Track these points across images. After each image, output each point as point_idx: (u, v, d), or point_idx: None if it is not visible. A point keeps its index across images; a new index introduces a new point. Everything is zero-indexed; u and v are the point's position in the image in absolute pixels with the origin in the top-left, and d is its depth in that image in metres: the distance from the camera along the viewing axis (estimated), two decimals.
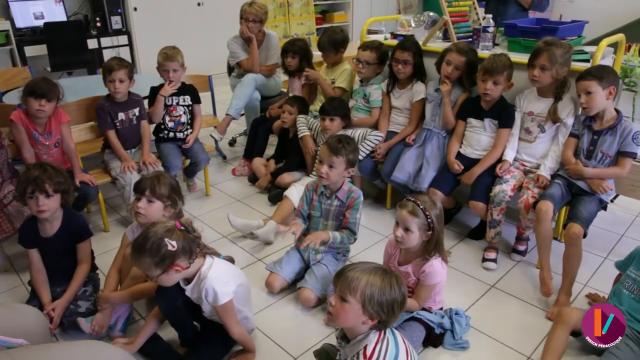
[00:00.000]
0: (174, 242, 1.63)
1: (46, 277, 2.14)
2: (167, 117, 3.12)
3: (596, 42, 2.56)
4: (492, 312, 2.22)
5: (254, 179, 3.52)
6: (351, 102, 3.27)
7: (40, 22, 5.06)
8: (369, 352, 1.41)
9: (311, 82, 3.52)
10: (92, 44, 5.32)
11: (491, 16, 2.86)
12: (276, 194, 3.21)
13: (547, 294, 2.26)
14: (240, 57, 3.83)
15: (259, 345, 2.01)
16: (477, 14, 3.07)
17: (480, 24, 2.93)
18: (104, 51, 5.50)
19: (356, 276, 1.40)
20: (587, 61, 2.50)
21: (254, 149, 3.64)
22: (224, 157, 4.03)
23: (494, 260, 2.55)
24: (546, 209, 2.24)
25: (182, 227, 1.70)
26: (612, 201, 3.08)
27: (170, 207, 2.04)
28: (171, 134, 3.15)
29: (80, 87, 3.61)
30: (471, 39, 3.00)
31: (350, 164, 2.29)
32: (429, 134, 2.89)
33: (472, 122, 2.72)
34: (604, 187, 2.27)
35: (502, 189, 2.45)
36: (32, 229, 2.11)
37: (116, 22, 5.54)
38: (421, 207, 1.85)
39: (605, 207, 2.39)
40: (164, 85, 3.05)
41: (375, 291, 1.38)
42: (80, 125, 3.07)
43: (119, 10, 5.52)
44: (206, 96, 3.71)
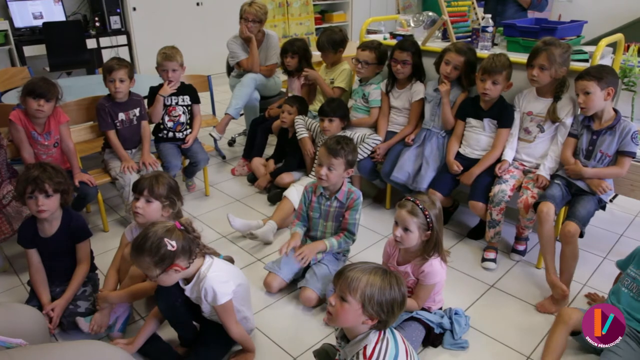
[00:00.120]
0: (173, 242, 1.63)
1: (45, 277, 2.14)
2: (167, 117, 3.12)
3: (595, 42, 2.56)
4: (491, 312, 2.22)
5: (253, 178, 3.52)
6: (350, 102, 3.27)
7: (39, 22, 5.06)
8: (368, 352, 1.41)
9: (310, 82, 3.52)
10: (91, 43, 5.30)
11: (490, 16, 2.86)
12: (275, 193, 3.21)
13: (562, 296, 2.21)
14: (240, 57, 3.83)
15: (258, 345, 2.01)
16: (476, 13, 3.08)
17: (479, 24, 2.93)
18: (103, 51, 5.49)
19: (356, 276, 1.39)
20: (586, 61, 2.50)
21: (253, 149, 3.64)
22: (223, 157, 4.03)
23: (494, 260, 2.55)
24: (547, 210, 2.24)
25: (182, 227, 1.70)
26: (611, 201, 3.09)
27: (168, 207, 2.04)
28: (170, 134, 3.15)
29: (79, 87, 3.61)
30: (470, 39, 3.00)
31: (349, 164, 2.29)
32: (428, 133, 2.89)
33: (471, 122, 2.72)
34: (603, 187, 2.27)
35: (501, 188, 2.45)
36: (31, 229, 2.11)
37: (115, 22, 5.53)
38: (420, 207, 1.86)
39: (604, 207, 2.39)
40: (163, 85, 3.05)
41: (375, 291, 1.38)
42: (79, 125, 3.08)
43: (118, 10, 5.51)
44: (205, 96, 3.71)
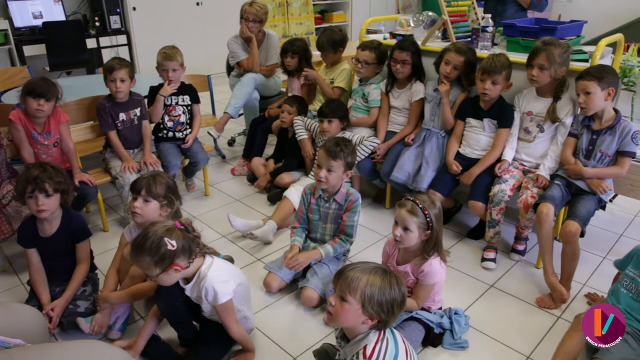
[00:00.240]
0: (173, 242, 1.63)
1: (45, 276, 2.14)
2: (166, 117, 3.12)
3: (595, 42, 2.56)
4: (491, 312, 2.22)
5: (253, 178, 3.52)
6: (350, 102, 3.27)
7: (39, 22, 5.05)
8: (368, 352, 1.41)
9: (310, 82, 3.52)
10: (90, 43, 5.30)
11: (490, 16, 2.86)
12: (275, 193, 3.21)
13: (562, 300, 2.21)
14: (240, 57, 3.82)
15: (258, 344, 2.01)
16: (476, 13, 3.08)
17: (479, 24, 2.93)
18: (103, 51, 5.49)
19: (356, 276, 1.40)
20: (586, 61, 2.50)
21: (253, 149, 3.64)
22: (223, 157, 4.03)
23: (493, 259, 2.55)
24: (547, 211, 2.24)
25: (182, 227, 1.70)
26: (611, 201, 3.09)
27: (167, 207, 2.04)
28: (170, 134, 3.15)
29: (79, 87, 3.61)
30: (470, 39, 3.00)
31: (348, 166, 2.28)
32: (428, 133, 2.89)
33: (471, 122, 2.72)
34: (603, 187, 2.27)
35: (501, 188, 2.46)
36: (31, 229, 2.11)
37: (115, 21, 5.53)
38: (420, 207, 1.86)
39: (604, 207, 2.39)
40: (163, 85, 3.05)
41: (375, 291, 1.38)
42: (79, 124, 3.08)
43: (118, 9, 5.51)
44: (205, 96, 3.71)
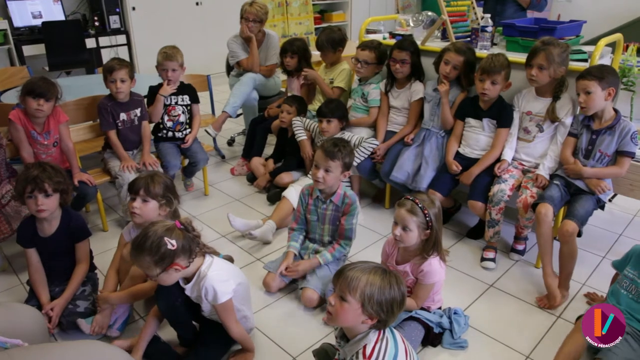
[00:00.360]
0: (173, 241, 1.63)
1: (44, 276, 2.14)
2: (166, 117, 3.12)
3: (594, 41, 2.56)
4: (490, 312, 2.23)
5: (252, 178, 3.52)
6: (349, 102, 3.27)
7: (38, 22, 5.05)
8: (368, 352, 1.41)
9: (310, 81, 3.52)
10: (90, 43, 5.29)
11: (489, 16, 2.86)
12: (275, 193, 3.21)
13: (553, 306, 2.22)
14: (240, 57, 3.82)
15: (258, 344, 2.01)
16: (475, 13, 3.08)
17: (478, 24, 2.93)
18: (102, 50, 5.49)
19: (356, 276, 1.40)
20: (585, 61, 2.50)
21: (252, 149, 3.64)
22: (223, 157, 4.03)
23: (493, 259, 2.55)
24: (545, 212, 2.24)
25: (182, 226, 1.70)
26: (610, 200, 3.10)
27: (165, 206, 2.04)
28: (170, 134, 3.15)
29: (78, 87, 3.60)
30: (469, 39, 3.00)
31: (346, 167, 2.27)
32: (427, 133, 2.89)
33: (471, 122, 2.72)
34: (602, 187, 2.27)
35: (500, 188, 2.46)
36: (30, 229, 2.10)
37: (114, 21, 5.52)
38: (420, 206, 1.86)
39: (603, 207, 2.39)
40: (162, 84, 3.05)
41: (374, 291, 1.38)
42: (78, 124, 3.08)
43: (117, 9, 5.50)
44: (205, 96, 3.71)
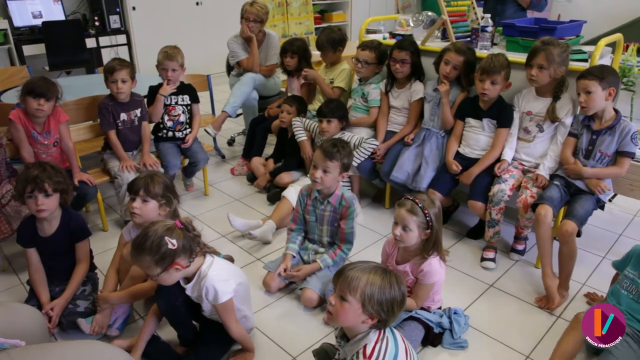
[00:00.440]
0: (174, 241, 1.63)
1: (45, 276, 2.14)
2: (166, 117, 3.12)
3: (594, 41, 2.56)
4: (490, 312, 2.23)
5: (252, 178, 3.52)
6: (349, 102, 3.26)
7: (38, 21, 5.05)
8: (368, 351, 1.41)
9: (310, 81, 3.52)
10: (90, 43, 5.29)
11: (489, 16, 2.86)
12: (275, 193, 3.21)
13: (551, 308, 2.21)
14: (240, 57, 3.82)
15: (258, 344, 2.01)
16: (475, 13, 3.08)
17: (478, 24, 2.93)
18: (103, 50, 5.49)
19: (356, 275, 1.40)
20: (585, 61, 2.50)
21: (252, 149, 3.64)
22: (223, 157, 4.03)
23: (493, 259, 2.55)
24: (545, 213, 2.24)
25: (182, 226, 1.70)
26: (610, 200, 3.10)
27: (165, 206, 2.04)
28: (170, 133, 3.15)
29: (78, 87, 3.60)
30: (470, 39, 3.00)
31: (344, 168, 2.27)
32: (427, 133, 2.89)
33: (471, 122, 2.72)
34: (602, 187, 2.27)
35: (500, 188, 2.46)
36: (30, 229, 2.10)
37: (115, 21, 5.52)
38: (420, 206, 1.86)
39: (602, 207, 2.39)
40: (162, 84, 3.05)
41: (375, 290, 1.38)
42: (78, 124, 3.08)
43: (118, 9, 5.50)
44: (205, 95, 3.71)
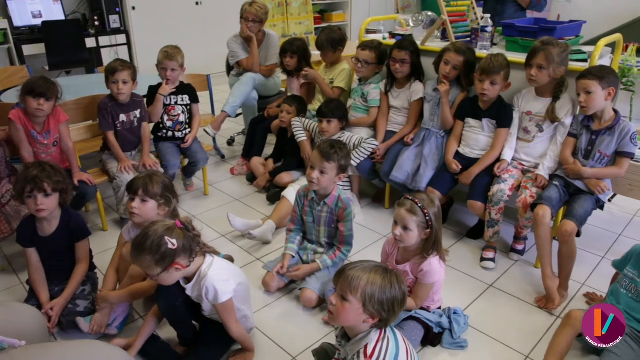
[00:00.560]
0: (174, 241, 1.63)
1: (44, 276, 2.14)
2: (166, 117, 3.12)
3: (594, 42, 2.56)
4: (490, 312, 2.23)
5: (252, 178, 3.52)
6: (349, 102, 3.27)
7: (38, 21, 5.05)
8: (369, 351, 1.41)
9: (310, 81, 3.52)
10: (90, 42, 5.29)
11: (489, 16, 2.86)
12: (275, 193, 3.21)
13: (551, 308, 2.21)
14: (240, 57, 3.82)
15: (257, 344, 2.02)
16: (475, 13, 3.08)
17: (478, 24, 2.93)
18: (102, 50, 5.49)
19: (357, 275, 1.40)
20: (585, 61, 2.50)
21: (252, 148, 3.64)
22: (223, 157, 4.03)
23: (492, 259, 2.55)
24: (544, 214, 2.24)
25: (182, 226, 1.70)
26: (610, 200, 3.10)
27: (164, 206, 2.03)
28: (170, 133, 3.15)
29: (78, 86, 3.60)
30: (469, 39, 3.01)
31: (341, 169, 2.26)
32: (427, 133, 2.90)
33: (470, 122, 2.72)
34: (601, 187, 2.27)
35: (500, 188, 2.46)
36: (30, 228, 2.10)
37: (114, 21, 5.52)
38: (419, 206, 1.86)
39: (602, 207, 2.39)
40: (162, 84, 3.05)
41: (376, 290, 1.38)
42: (78, 124, 3.08)
43: (117, 9, 5.50)
44: (205, 95, 3.71)
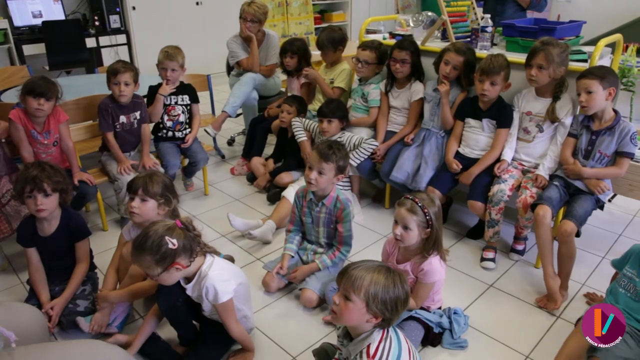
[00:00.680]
0: (174, 240, 1.63)
1: (44, 276, 2.14)
2: (166, 117, 3.12)
3: (594, 42, 2.56)
4: (490, 312, 2.23)
5: (252, 178, 3.52)
6: (349, 102, 3.27)
7: (38, 21, 5.05)
8: (372, 351, 1.41)
9: (310, 81, 3.52)
10: (90, 42, 5.29)
11: (489, 16, 2.86)
12: (275, 193, 3.21)
13: (553, 308, 2.21)
14: (240, 57, 3.82)
15: (258, 344, 2.02)
16: (475, 13, 3.08)
17: (478, 24, 2.93)
18: (103, 50, 5.50)
19: (360, 275, 1.40)
20: (585, 61, 2.50)
21: (252, 148, 3.64)
22: (223, 157, 4.03)
23: (493, 259, 2.55)
24: (544, 214, 2.24)
25: (182, 226, 1.70)
26: (610, 201, 3.10)
27: (164, 205, 2.04)
28: (170, 133, 3.15)
29: (78, 86, 3.60)
30: (469, 39, 3.01)
31: (340, 170, 2.25)
32: (427, 133, 2.90)
33: (470, 122, 2.72)
34: (601, 187, 2.28)
35: (500, 188, 2.46)
36: (30, 228, 2.10)
37: (115, 21, 5.53)
38: (419, 205, 1.86)
39: (602, 207, 2.40)
40: (162, 84, 3.05)
41: (379, 289, 1.38)
42: (78, 124, 3.08)
43: (118, 9, 5.50)
44: (205, 95, 3.71)
